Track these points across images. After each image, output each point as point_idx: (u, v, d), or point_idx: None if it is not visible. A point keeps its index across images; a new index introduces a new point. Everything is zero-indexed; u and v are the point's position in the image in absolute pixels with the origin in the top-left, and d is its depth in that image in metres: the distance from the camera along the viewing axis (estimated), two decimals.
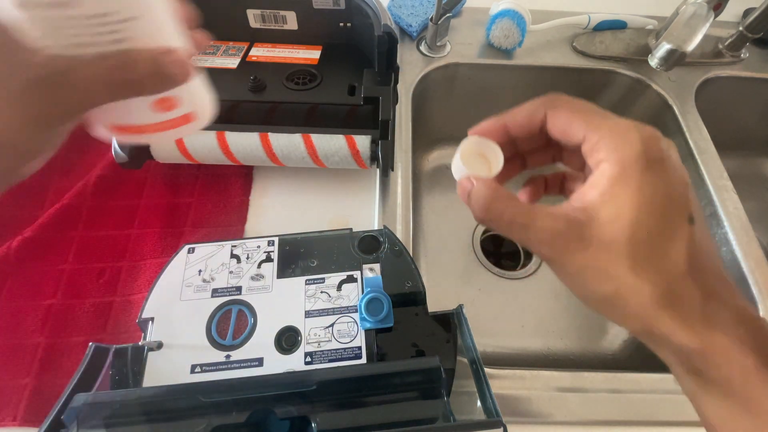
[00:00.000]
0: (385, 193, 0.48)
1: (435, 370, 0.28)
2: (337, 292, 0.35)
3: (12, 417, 0.36)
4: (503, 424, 0.25)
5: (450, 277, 0.62)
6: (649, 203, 0.18)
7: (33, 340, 0.39)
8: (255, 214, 0.47)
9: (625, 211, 0.18)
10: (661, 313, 0.18)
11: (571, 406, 0.38)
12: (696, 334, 0.18)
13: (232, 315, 0.34)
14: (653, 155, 0.18)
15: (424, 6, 0.61)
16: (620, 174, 0.18)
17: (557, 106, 0.21)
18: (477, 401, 0.29)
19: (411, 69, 0.59)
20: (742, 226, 0.49)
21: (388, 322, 0.33)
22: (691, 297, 0.18)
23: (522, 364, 0.55)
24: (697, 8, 0.49)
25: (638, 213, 0.18)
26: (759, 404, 0.18)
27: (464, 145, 0.23)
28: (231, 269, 0.37)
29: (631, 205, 0.18)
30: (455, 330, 0.34)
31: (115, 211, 0.46)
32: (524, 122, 0.22)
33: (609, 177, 0.18)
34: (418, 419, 0.28)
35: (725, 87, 0.63)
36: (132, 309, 0.41)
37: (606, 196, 0.18)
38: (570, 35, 0.63)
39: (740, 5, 0.64)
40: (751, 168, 0.74)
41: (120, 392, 0.28)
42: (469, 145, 0.23)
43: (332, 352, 0.33)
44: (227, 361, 0.32)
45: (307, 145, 0.43)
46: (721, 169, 0.53)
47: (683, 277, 0.18)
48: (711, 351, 0.18)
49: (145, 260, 0.43)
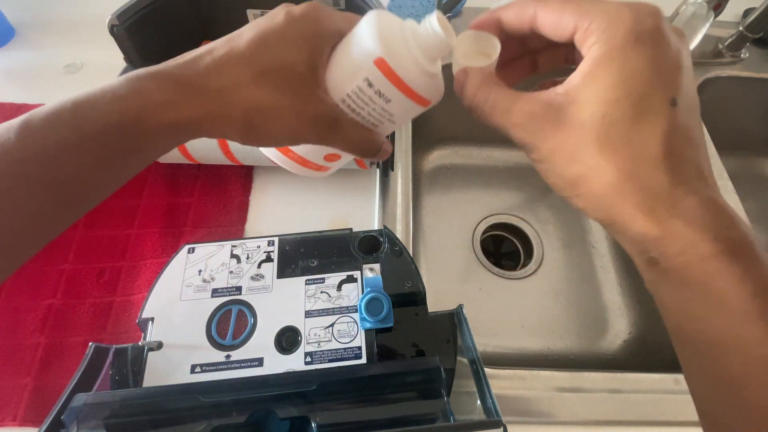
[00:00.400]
0: (385, 193, 0.48)
1: (435, 370, 0.28)
2: (337, 292, 0.35)
3: (12, 417, 0.36)
4: (503, 424, 0.25)
5: (450, 277, 0.62)
6: (628, 81, 0.17)
7: (33, 340, 0.39)
8: (255, 214, 0.47)
9: (602, 90, 0.17)
10: (623, 199, 0.18)
11: (571, 406, 0.38)
12: (657, 221, 0.18)
13: (232, 315, 0.34)
14: (644, 31, 0.17)
15: (424, 6, 0.61)
16: (606, 53, 0.17)
17: (546, 2, 0.20)
18: (477, 401, 0.29)
19: None
20: None
21: (388, 322, 0.33)
22: (658, 182, 0.18)
23: (522, 364, 0.55)
24: (697, 8, 0.49)
25: (616, 92, 0.17)
26: (714, 290, 0.17)
27: (462, 38, 0.23)
28: (231, 269, 0.37)
29: (610, 83, 0.17)
30: (455, 330, 0.34)
31: (115, 211, 0.46)
32: (515, 18, 0.21)
33: (594, 57, 0.18)
34: (418, 419, 0.28)
35: (725, 87, 0.63)
36: (132, 309, 0.41)
37: (588, 78, 0.18)
38: None
39: (740, 5, 0.64)
40: (751, 168, 0.74)
41: (120, 392, 0.28)
42: (466, 39, 0.23)
43: (332, 352, 0.33)
44: (227, 361, 0.32)
45: None
46: (721, 169, 0.53)
47: (654, 161, 0.17)
48: (671, 239, 0.18)
49: (145, 260, 0.43)
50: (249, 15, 0.48)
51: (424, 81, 0.23)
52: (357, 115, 0.25)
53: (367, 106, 0.24)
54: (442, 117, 0.67)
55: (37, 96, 0.55)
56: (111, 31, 0.41)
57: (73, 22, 0.64)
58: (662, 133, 0.17)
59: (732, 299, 0.17)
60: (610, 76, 0.17)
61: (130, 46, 0.42)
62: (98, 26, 0.41)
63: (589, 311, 0.59)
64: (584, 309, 0.59)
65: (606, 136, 0.18)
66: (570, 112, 0.18)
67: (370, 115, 0.24)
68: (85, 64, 0.59)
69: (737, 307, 0.17)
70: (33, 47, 0.62)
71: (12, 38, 0.62)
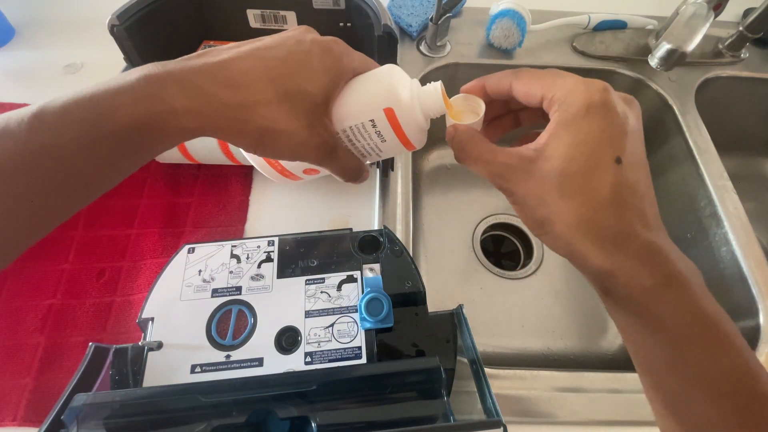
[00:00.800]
0: (385, 193, 0.48)
1: (435, 370, 0.28)
2: (337, 292, 0.35)
3: (12, 417, 0.36)
4: (503, 424, 0.25)
5: (450, 277, 0.62)
6: (581, 143, 0.21)
7: (33, 340, 0.39)
8: (255, 214, 0.47)
9: (562, 149, 0.21)
10: (581, 236, 0.21)
11: (571, 406, 0.38)
12: (607, 257, 0.21)
13: (232, 315, 0.34)
14: (594, 103, 0.21)
15: (424, 6, 0.61)
16: (565, 119, 0.22)
17: (521, 75, 0.24)
18: (477, 401, 0.29)
19: (411, 69, 0.59)
20: (742, 226, 0.49)
21: (388, 322, 0.33)
22: (607, 225, 0.21)
23: (522, 364, 0.55)
24: (697, 8, 0.49)
25: (571, 151, 0.21)
26: (654, 316, 0.21)
27: (454, 99, 0.28)
28: (231, 269, 0.37)
29: (567, 144, 0.21)
30: (455, 330, 0.34)
31: (115, 210, 0.46)
32: (495, 87, 0.25)
33: (557, 122, 0.22)
34: (418, 419, 0.28)
35: (725, 87, 0.63)
36: (132, 309, 0.41)
37: (551, 138, 0.22)
38: (570, 35, 0.63)
39: (740, 5, 0.64)
40: (751, 168, 0.74)
41: (120, 392, 0.28)
42: (458, 99, 0.27)
43: (332, 352, 0.33)
44: (227, 361, 0.32)
45: None
46: (721, 169, 0.53)
47: (603, 206, 0.21)
48: (618, 271, 0.21)
49: (145, 260, 0.43)
50: (249, 15, 0.48)
51: (417, 133, 0.27)
52: (352, 145, 0.28)
53: (365, 141, 0.28)
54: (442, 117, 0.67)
55: (37, 96, 0.54)
56: (111, 31, 0.41)
57: (73, 22, 0.64)
58: (609, 185, 0.21)
59: (671, 325, 0.20)
60: (568, 138, 0.21)
61: (130, 46, 0.42)
62: (98, 26, 0.41)
63: (589, 311, 0.59)
64: (584, 309, 0.59)
65: (565, 186, 0.21)
66: (538, 165, 0.22)
67: (363, 147, 0.28)
68: (85, 64, 0.59)
69: (676, 332, 0.20)
70: (33, 47, 0.61)
71: (12, 38, 0.62)
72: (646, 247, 0.21)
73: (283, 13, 0.48)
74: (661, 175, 0.61)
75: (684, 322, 0.20)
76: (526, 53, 0.61)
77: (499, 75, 0.25)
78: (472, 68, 0.61)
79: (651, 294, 0.21)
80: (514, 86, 0.24)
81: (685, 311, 0.20)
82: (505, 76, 0.25)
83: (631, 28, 0.63)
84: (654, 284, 0.20)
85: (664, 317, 0.21)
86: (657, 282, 0.20)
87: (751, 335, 0.44)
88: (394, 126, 0.27)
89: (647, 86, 0.60)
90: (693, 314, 0.20)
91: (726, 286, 0.49)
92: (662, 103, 0.59)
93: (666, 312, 0.20)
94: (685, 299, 0.20)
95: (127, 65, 0.44)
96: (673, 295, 0.20)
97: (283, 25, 0.49)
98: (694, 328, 0.20)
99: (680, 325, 0.20)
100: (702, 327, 0.20)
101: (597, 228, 0.21)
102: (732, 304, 0.48)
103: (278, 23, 0.49)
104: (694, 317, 0.20)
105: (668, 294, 0.20)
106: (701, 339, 0.20)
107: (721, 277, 0.50)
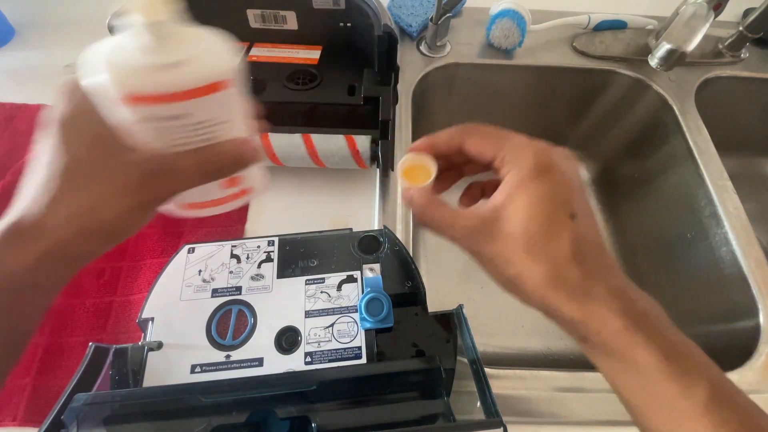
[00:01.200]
0: (385, 193, 0.48)
1: (435, 370, 0.28)
2: (337, 292, 0.35)
3: (12, 417, 0.36)
4: (503, 424, 0.25)
5: (450, 277, 0.62)
6: (537, 205, 0.23)
7: (33, 340, 0.39)
8: (255, 214, 0.47)
9: (520, 211, 0.23)
10: (551, 291, 0.22)
11: (571, 406, 0.38)
12: (578, 307, 0.22)
13: (232, 315, 0.34)
14: (542, 166, 0.23)
15: (424, 6, 0.61)
16: (517, 182, 0.23)
17: (471, 134, 0.25)
18: (477, 401, 0.29)
19: (411, 69, 0.59)
20: (742, 226, 0.49)
21: (388, 322, 0.33)
22: (573, 277, 0.22)
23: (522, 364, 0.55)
24: (697, 8, 0.49)
25: (529, 212, 0.23)
26: (630, 358, 0.22)
27: (405, 159, 0.27)
28: (231, 269, 0.37)
29: (524, 206, 0.23)
30: (455, 330, 0.34)
31: None
32: (445, 145, 0.27)
33: (510, 184, 0.23)
34: (418, 419, 0.28)
35: (725, 87, 0.63)
36: (132, 309, 0.41)
37: (507, 200, 0.23)
38: (570, 35, 0.63)
39: (740, 5, 0.64)
40: (751, 168, 0.74)
41: (120, 392, 0.28)
42: (409, 159, 0.27)
43: (332, 352, 0.33)
44: (227, 361, 0.32)
45: (307, 145, 0.43)
46: (721, 169, 0.53)
47: (567, 261, 0.22)
48: (590, 320, 0.22)
49: (145, 260, 0.43)
50: (249, 15, 0.48)
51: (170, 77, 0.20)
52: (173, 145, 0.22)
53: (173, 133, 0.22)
54: (441, 116, 0.67)
55: (37, 96, 0.55)
56: (111, 31, 0.41)
57: (73, 22, 0.64)
58: (569, 240, 0.22)
59: (645, 364, 0.21)
60: (524, 199, 0.23)
61: None
62: (98, 26, 0.41)
63: None
64: None
65: (529, 246, 0.22)
66: (499, 227, 0.23)
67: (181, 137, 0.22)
68: None
69: (651, 369, 0.21)
70: (33, 47, 0.61)
71: (12, 38, 0.62)
72: (611, 292, 0.22)
73: (283, 13, 0.48)
74: (661, 175, 0.61)
75: (658, 360, 0.21)
76: (526, 53, 0.61)
77: (448, 134, 0.26)
78: (472, 68, 0.61)
79: (623, 337, 0.22)
80: (465, 144, 0.26)
81: (658, 348, 0.21)
82: (455, 135, 0.26)
83: (631, 28, 0.63)
84: (623, 327, 0.22)
85: (638, 358, 0.22)
86: (626, 324, 0.22)
87: (751, 335, 0.44)
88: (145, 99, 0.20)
89: (647, 86, 0.60)
90: (664, 350, 0.21)
91: (726, 286, 0.49)
92: (662, 103, 0.59)
93: (638, 352, 0.22)
94: (654, 336, 0.22)
95: None
96: (642, 334, 0.22)
97: (282, 25, 0.49)
98: (668, 363, 0.21)
99: (655, 363, 0.21)
100: (676, 360, 0.21)
101: (565, 282, 0.22)
102: (732, 304, 0.48)
103: (278, 23, 0.49)
104: (667, 353, 0.21)
105: (638, 333, 0.22)
106: (677, 372, 0.21)
107: (721, 277, 0.50)
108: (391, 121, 0.43)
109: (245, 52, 0.49)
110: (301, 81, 0.46)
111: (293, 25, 0.49)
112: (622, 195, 0.70)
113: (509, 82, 0.63)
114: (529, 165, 0.23)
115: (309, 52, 0.49)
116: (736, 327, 0.47)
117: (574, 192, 0.23)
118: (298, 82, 0.46)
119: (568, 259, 0.22)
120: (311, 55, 0.49)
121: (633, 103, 0.63)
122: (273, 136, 0.43)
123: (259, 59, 0.48)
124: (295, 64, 0.48)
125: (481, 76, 0.62)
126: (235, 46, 0.23)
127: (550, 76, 0.62)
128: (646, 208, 0.65)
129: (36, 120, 0.52)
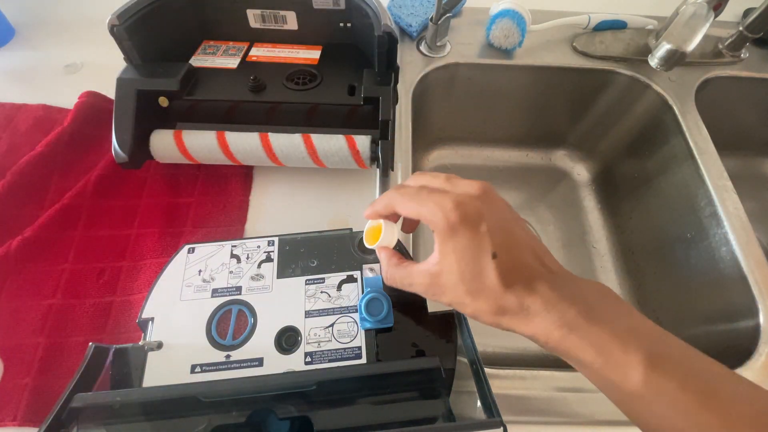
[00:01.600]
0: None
1: (435, 370, 0.28)
2: (337, 292, 0.35)
3: (12, 417, 0.36)
4: (503, 424, 0.25)
5: None
6: (462, 258, 0.26)
7: (33, 340, 0.39)
8: (255, 214, 0.47)
9: (453, 265, 0.26)
10: (502, 319, 0.26)
11: (571, 406, 0.38)
12: (526, 325, 0.26)
13: (232, 315, 0.34)
14: (453, 224, 0.26)
15: (424, 6, 0.61)
16: (442, 239, 0.26)
17: (400, 200, 0.29)
18: (477, 401, 0.29)
19: (411, 69, 0.59)
20: (742, 226, 0.49)
21: (388, 322, 0.33)
22: (511, 305, 0.26)
23: (522, 364, 0.55)
24: (697, 8, 0.49)
25: (458, 265, 0.26)
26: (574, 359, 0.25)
27: (368, 225, 0.33)
28: (231, 269, 0.37)
29: (454, 261, 0.26)
30: (455, 330, 0.34)
31: (115, 211, 0.46)
32: (385, 210, 0.30)
33: (438, 242, 0.27)
34: (418, 419, 0.28)
35: (725, 87, 0.63)
36: (132, 309, 0.41)
37: (441, 257, 0.27)
38: (570, 35, 0.63)
39: (740, 5, 0.64)
40: (751, 168, 0.74)
41: (120, 392, 0.28)
42: (373, 224, 0.32)
43: (332, 352, 0.33)
44: (227, 361, 0.32)
45: (307, 145, 0.43)
46: (721, 169, 0.53)
47: (502, 294, 0.26)
48: (538, 334, 0.25)
49: (145, 260, 0.43)
50: (249, 15, 0.48)
51: None
52: None
53: None
54: (442, 117, 0.67)
55: (37, 96, 0.55)
56: (111, 31, 0.41)
57: (73, 22, 0.64)
58: (497, 276, 0.26)
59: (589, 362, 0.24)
60: (452, 255, 0.26)
61: (130, 46, 0.42)
62: (98, 26, 0.41)
63: None
64: None
65: (470, 290, 0.26)
66: (443, 279, 0.27)
67: None
68: (85, 64, 0.59)
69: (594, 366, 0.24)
70: (33, 47, 0.61)
71: (12, 38, 0.62)
72: (546, 305, 0.25)
73: (283, 13, 0.48)
74: (661, 175, 0.61)
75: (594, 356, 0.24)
76: (526, 53, 0.61)
77: (383, 201, 0.30)
78: (472, 68, 0.61)
79: (565, 343, 0.25)
80: (396, 209, 0.29)
81: (588, 345, 0.24)
82: (390, 201, 0.29)
83: (631, 28, 0.63)
84: (561, 336, 0.25)
85: (581, 358, 0.24)
86: (563, 333, 0.24)
87: (751, 335, 0.44)
88: None
89: (647, 86, 0.60)
90: (596, 346, 0.24)
91: (726, 286, 0.49)
92: (662, 103, 0.59)
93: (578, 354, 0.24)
94: (587, 334, 0.24)
95: (127, 65, 0.44)
96: (575, 336, 0.24)
97: (282, 25, 0.49)
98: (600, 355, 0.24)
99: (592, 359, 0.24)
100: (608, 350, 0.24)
101: (507, 310, 0.26)
102: (732, 304, 0.48)
103: (278, 23, 0.49)
104: (597, 349, 0.24)
105: (571, 337, 0.24)
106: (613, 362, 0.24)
107: (721, 277, 0.50)
108: (391, 121, 0.43)
109: (245, 52, 0.49)
110: (301, 81, 0.46)
111: (293, 25, 0.49)
112: (622, 195, 0.70)
113: (509, 82, 0.63)
114: (444, 226, 0.26)
115: (309, 52, 0.49)
116: (736, 327, 0.47)
117: (488, 234, 0.26)
118: (298, 82, 0.46)
119: (501, 292, 0.25)
120: (311, 55, 0.49)
121: (633, 103, 0.63)
122: (273, 136, 0.43)
123: (259, 59, 0.48)
124: (295, 64, 0.48)
125: (481, 76, 0.62)
126: None
127: (550, 76, 0.62)
128: (646, 208, 0.65)
129: (36, 120, 0.52)
